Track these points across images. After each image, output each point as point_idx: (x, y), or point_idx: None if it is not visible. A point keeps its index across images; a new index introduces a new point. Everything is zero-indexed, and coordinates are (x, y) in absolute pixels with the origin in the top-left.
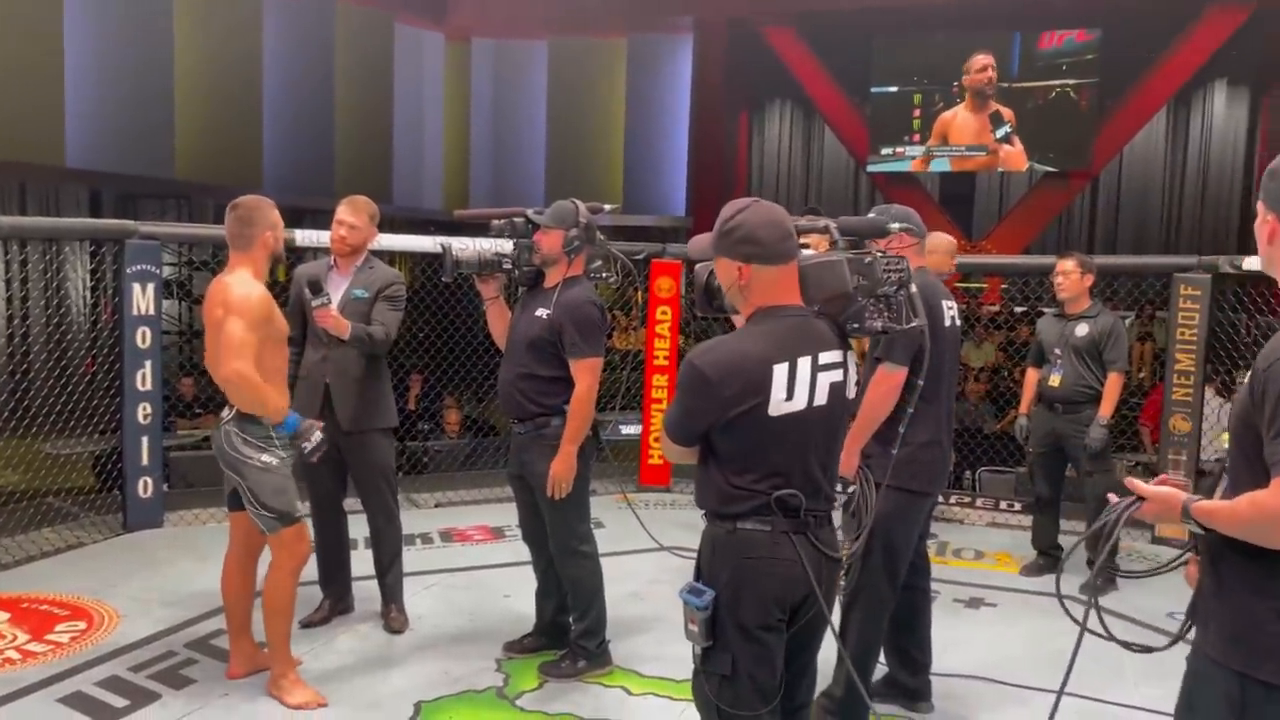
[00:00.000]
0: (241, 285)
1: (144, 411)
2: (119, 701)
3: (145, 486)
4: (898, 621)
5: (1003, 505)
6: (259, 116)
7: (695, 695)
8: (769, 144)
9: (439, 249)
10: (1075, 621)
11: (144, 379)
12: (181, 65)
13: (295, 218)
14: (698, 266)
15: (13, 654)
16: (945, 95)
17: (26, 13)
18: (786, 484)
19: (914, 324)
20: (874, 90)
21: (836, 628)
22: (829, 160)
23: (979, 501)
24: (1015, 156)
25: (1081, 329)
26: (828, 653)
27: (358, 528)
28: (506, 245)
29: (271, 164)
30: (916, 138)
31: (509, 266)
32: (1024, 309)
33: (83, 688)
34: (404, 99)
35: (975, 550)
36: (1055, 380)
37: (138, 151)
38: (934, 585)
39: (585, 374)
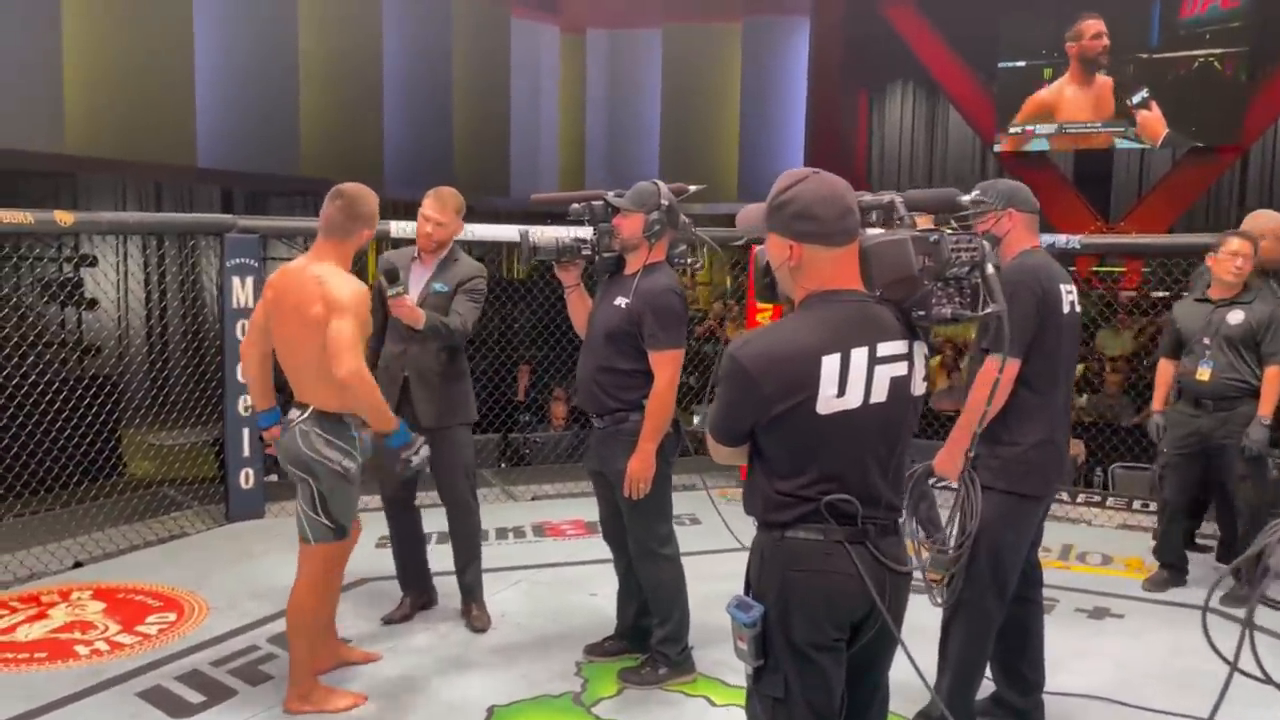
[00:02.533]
0: (341, 281)
1: (244, 403)
2: (195, 697)
3: (246, 478)
4: (1006, 636)
5: (1136, 506)
6: (379, 112)
7: (749, 718)
8: (890, 125)
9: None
10: (1225, 661)
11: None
12: (306, 65)
13: (413, 211)
14: (757, 249)
15: (102, 645)
16: None
17: (159, 20)
18: (840, 490)
19: (989, 310)
20: (1001, 65)
21: (918, 650)
22: (954, 141)
23: (1110, 501)
24: (1154, 122)
25: (1235, 316)
26: (924, 666)
27: (433, 522)
28: (586, 231)
29: (392, 159)
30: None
31: (588, 253)
32: (1165, 294)
33: (163, 682)
34: (520, 91)
35: (1102, 554)
36: (1204, 374)
37: (265, 150)
38: (1055, 593)
39: (665, 366)
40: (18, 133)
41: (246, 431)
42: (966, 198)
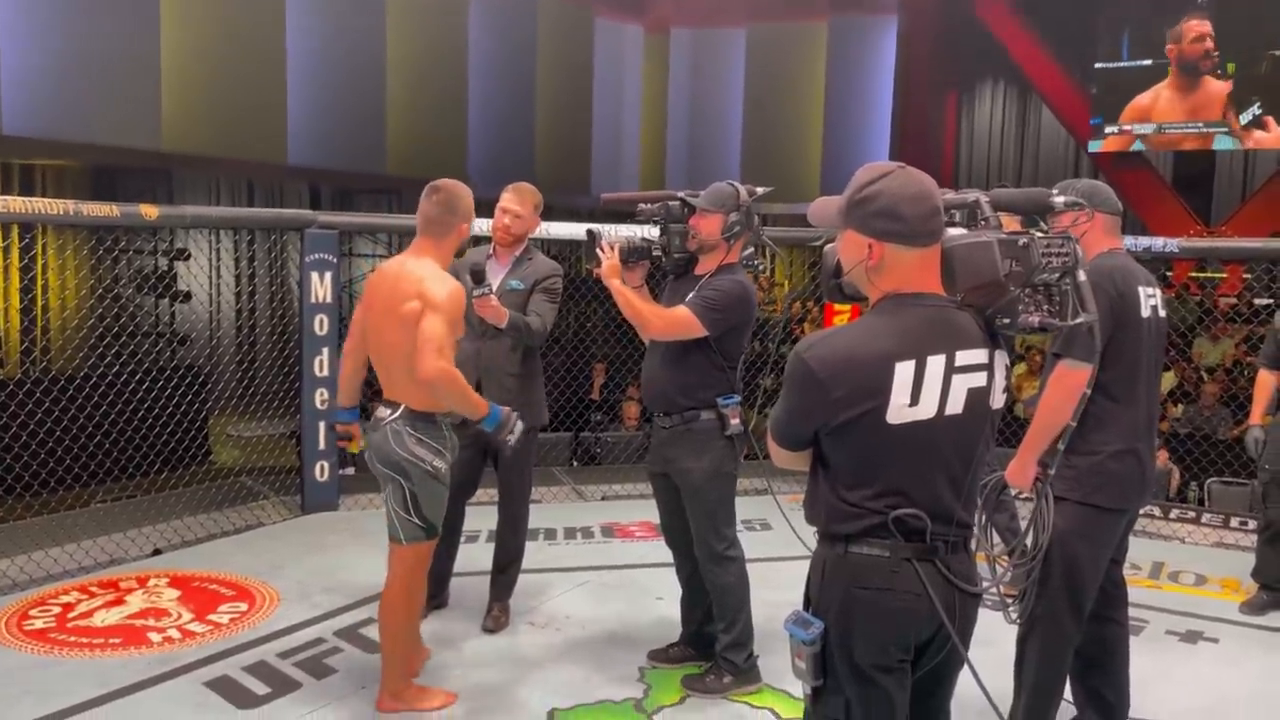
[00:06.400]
0: (438, 280)
1: (321, 397)
2: (261, 688)
3: (322, 470)
4: (1087, 658)
5: (1234, 523)
6: (464, 112)
7: None
8: (979, 126)
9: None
10: None
11: (321, 365)
12: (393, 66)
13: (494, 209)
14: (827, 248)
15: (174, 633)
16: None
17: (253, 22)
18: (908, 504)
19: (1080, 319)
20: (1100, 65)
21: (990, 668)
22: (1045, 141)
23: (1205, 517)
24: (1271, 142)
25: None
26: (993, 686)
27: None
28: (654, 231)
29: (475, 157)
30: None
31: (658, 253)
32: (1269, 301)
33: (230, 672)
34: (603, 91)
35: (1196, 574)
36: None
37: (352, 149)
38: (1144, 613)
39: (677, 317)
40: (118, 131)
41: (322, 425)
42: (1059, 198)
